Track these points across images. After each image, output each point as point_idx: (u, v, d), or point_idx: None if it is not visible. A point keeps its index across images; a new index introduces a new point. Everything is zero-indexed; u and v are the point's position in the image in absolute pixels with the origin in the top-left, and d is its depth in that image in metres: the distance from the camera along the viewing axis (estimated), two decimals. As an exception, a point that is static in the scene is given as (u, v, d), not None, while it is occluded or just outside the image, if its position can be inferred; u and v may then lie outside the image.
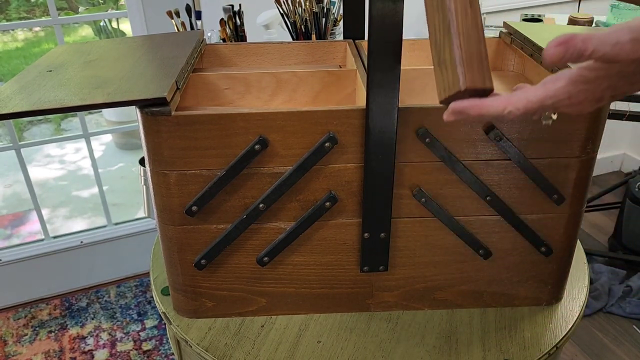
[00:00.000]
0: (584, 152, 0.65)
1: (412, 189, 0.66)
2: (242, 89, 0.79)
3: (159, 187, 0.65)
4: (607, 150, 2.57)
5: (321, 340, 0.71)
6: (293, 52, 0.91)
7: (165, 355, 1.69)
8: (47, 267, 1.92)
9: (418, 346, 0.70)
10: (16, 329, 1.81)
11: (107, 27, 3.82)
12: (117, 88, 0.62)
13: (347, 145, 0.63)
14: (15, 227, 2.38)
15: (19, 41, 4.70)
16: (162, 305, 0.77)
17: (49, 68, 0.71)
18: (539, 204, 0.68)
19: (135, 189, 2.63)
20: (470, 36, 0.47)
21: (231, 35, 1.10)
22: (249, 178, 0.64)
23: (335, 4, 1.13)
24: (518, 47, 0.84)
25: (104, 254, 1.97)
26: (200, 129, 0.61)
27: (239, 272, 0.71)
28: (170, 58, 0.73)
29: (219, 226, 0.67)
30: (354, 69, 0.78)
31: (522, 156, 0.64)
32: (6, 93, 0.62)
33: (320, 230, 0.68)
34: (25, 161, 1.82)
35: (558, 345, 0.70)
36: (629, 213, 1.95)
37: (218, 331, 0.72)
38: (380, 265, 0.70)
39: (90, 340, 1.75)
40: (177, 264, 0.70)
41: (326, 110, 0.61)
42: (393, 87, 0.57)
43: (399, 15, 0.54)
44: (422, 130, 0.62)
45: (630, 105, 1.68)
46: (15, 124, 3.28)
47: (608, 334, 1.71)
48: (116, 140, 3.18)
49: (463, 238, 0.69)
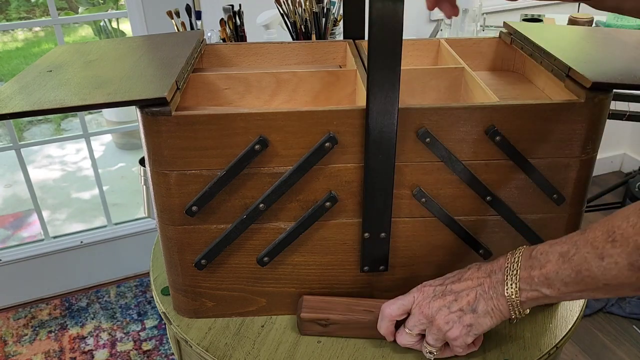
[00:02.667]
0: (584, 152, 0.65)
1: (412, 189, 0.66)
2: (242, 89, 0.79)
3: (159, 187, 0.65)
4: (607, 150, 2.57)
5: (321, 340, 0.71)
6: (293, 52, 0.91)
7: (165, 355, 1.69)
8: (47, 267, 1.92)
9: (418, 346, 0.70)
10: (16, 329, 1.81)
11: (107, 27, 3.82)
12: (117, 88, 0.62)
13: (347, 145, 0.63)
14: (16, 228, 2.38)
15: (19, 41, 4.70)
16: (162, 305, 0.77)
17: (49, 68, 0.71)
18: (539, 204, 0.68)
19: (135, 189, 2.63)
20: None
21: (231, 35, 1.10)
22: (249, 178, 0.64)
23: (335, 4, 1.13)
24: (518, 47, 0.84)
25: (104, 254, 1.97)
26: (200, 129, 0.61)
27: (239, 272, 0.71)
28: (170, 58, 0.73)
29: (219, 226, 0.67)
30: (354, 69, 0.78)
31: (522, 156, 0.64)
32: (6, 93, 0.62)
33: (320, 230, 0.68)
34: (25, 161, 1.82)
35: (558, 345, 0.70)
36: (629, 213, 1.95)
37: (218, 331, 0.72)
38: (380, 265, 0.70)
39: (90, 340, 1.75)
40: (177, 264, 0.70)
41: (326, 110, 0.61)
42: (393, 87, 0.57)
43: (399, 15, 0.54)
44: (422, 130, 0.62)
45: (630, 106, 1.68)
46: (15, 124, 3.28)
47: (608, 334, 1.71)
48: (116, 140, 3.18)
49: (463, 238, 0.69)
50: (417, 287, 0.64)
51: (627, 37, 0.80)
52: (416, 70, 0.79)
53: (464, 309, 0.59)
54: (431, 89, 0.80)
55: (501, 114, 0.62)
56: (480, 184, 0.65)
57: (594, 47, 0.75)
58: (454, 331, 0.60)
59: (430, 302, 0.61)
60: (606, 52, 0.72)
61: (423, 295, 0.62)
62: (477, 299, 0.58)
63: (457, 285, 0.60)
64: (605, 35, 0.81)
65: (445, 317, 0.60)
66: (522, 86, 0.84)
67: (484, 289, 0.58)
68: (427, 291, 0.62)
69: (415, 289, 0.64)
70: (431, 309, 0.61)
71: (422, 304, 0.61)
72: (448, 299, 0.60)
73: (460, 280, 0.61)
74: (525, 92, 0.82)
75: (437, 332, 0.61)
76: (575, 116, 0.62)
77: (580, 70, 0.63)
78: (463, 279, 0.60)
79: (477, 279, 0.59)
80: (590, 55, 0.70)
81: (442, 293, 0.61)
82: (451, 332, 0.60)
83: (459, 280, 0.61)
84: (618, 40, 0.78)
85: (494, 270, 0.59)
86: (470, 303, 0.59)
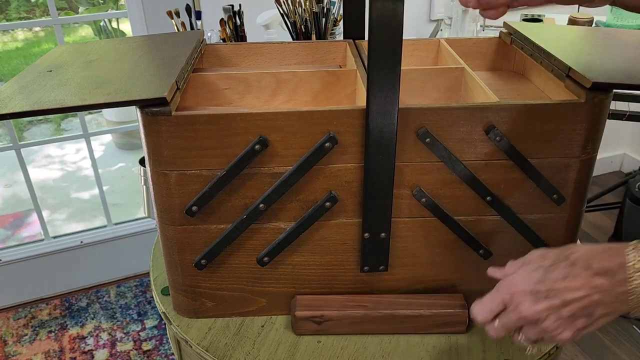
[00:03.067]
0: (584, 152, 0.65)
1: (412, 189, 0.66)
2: (242, 89, 0.79)
3: (159, 187, 0.65)
4: (607, 150, 2.57)
5: (321, 340, 0.71)
6: (293, 52, 0.91)
7: (165, 355, 1.69)
8: (47, 267, 1.92)
9: (418, 346, 0.70)
10: (16, 329, 1.81)
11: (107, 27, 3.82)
12: (117, 88, 0.62)
13: (347, 145, 0.63)
14: (15, 228, 2.38)
15: (19, 41, 4.70)
16: (162, 305, 0.77)
17: (49, 68, 0.71)
18: (539, 204, 0.68)
19: (135, 189, 2.63)
20: None
21: (231, 35, 1.10)
22: (249, 178, 0.64)
23: (335, 4, 1.13)
24: (518, 47, 0.84)
25: (104, 254, 1.97)
26: (200, 129, 0.61)
27: (239, 272, 0.71)
28: (170, 58, 0.73)
29: (219, 226, 0.67)
30: (354, 69, 0.78)
31: (522, 156, 0.64)
32: (6, 93, 0.62)
33: (320, 230, 0.68)
34: (25, 161, 1.82)
35: (558, 345, 0.70)
36: (629, 213, 1.95)
37: (218, 331, 0.72)
38: (380, 265, 0.70)
39: (90, 340, 1.75)
40: (177, 264, 0.70)
41: (326, 110, 0.61)
42: (393, 87, 0.57)
43: (399, 15, 0.54)
44: (422, 130, 0.62)
45: (630, 106, 1.68)
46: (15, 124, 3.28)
47: (608, 334, 1.71)
48: (116, 140, 3.18)
49: (463, 238, 0.69)
50: (505, 284, 0.56)
51: (627, 37, 0.80)
52: (416, 70, 0.79)
53: (576, 314, 0.52)
54: (431, 89, 0.80)
55: (501, 114, 0.62)
56: (480, 184, 0.65)
57: (594, 47, 0.75)
58: (566, 334, 0.53)
59: (533, 304, 0.53)
60: (606, 52, 0.72)
61: (520, 294, 0.54)
62: (593, 306, 0.52)
63: (562, 284, 0.53)
64: (605, 35, 0.81)
65: (555, 322, 0.53)
66: (522, 86, 0.84)
67: (600, 296, 0.51)
68: (522, 288, 0.54)
69: (504, 286, 0.56)
70: (535, 312, 0.53)
71: (521, 305, 0.54)
72: (555, 303, 0.52)
73: (565, 278, 0.53)
74: (525, 92, 0.82)
75: (543, 333, 0.54)
76: (575, 116, 0.62)
77: (580, 70, 0.63)
78: (569, 277, 0.52)
79: (590, 279, 0.52)
80: (590, 55, 0.70)
81: (547, 294, 0.53)
82: (563, 335, 0.53)
83: (564, 278, 0.53)
84: (618, 40, 0.78)
85: (612, 270, 0.51)
86: (586, 308, 0.52)
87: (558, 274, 0.53)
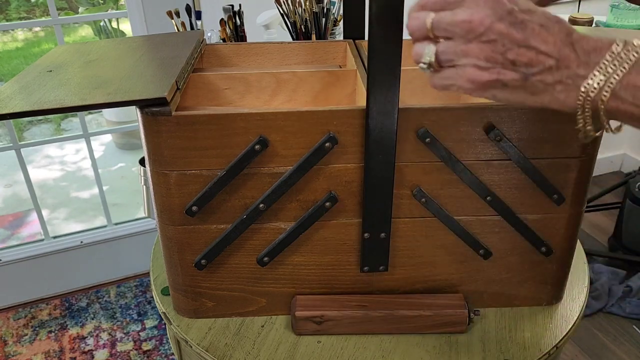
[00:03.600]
0: (584, 152, 0.65)
1: (412, 189, 0.66)
2: (242, 89, 0.79)
3: (159, 187, 0.65)
4: (607, 150, 2.57)
5: (321, 340, 0.71)
6: (293, 52, 0.91)
7: (165, 355, 1.69)
8: (47, 267, 1.92)
9: (418, 346, 0.70)
10: (16, 329, 1.81)
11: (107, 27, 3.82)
12: (117, 88, 0.62)
13: (347, 145, 0.63)
14: (15, 227, 2.38)
15: (19, 41, 4.71)
16: (162, 305, 0.77)
17: (49, 68, 0.71)
18: (539, 204, 0.68)
19: (135, 189, 2.63)
20: None
21: (231, 35, 1.10)
22: (249, 178, 0.64)
23: (335, 4, 1.13)
24: (518, 47, 0.84)
25: (104, 254, 1.97)
26: (200, 129, 0.61)
27: (239, 272, 0.71)
28: (170, 58, 0.73)
29: (219, 226, 0.67)
30: (354, 69, 0.78)
31: (522, 156, 0.64)
32: (6, 93, 0.62)
33: (320, 230, 0.68)
34: (25, 161, 1.82)
35: (558, 345, 0.70)
36: (629, 213, 1.95)
37: (218, 331, 0.72)
38: (380, 265, 0.70)
39: (90, 340, 1.75)
40: (177, 264, 0.70)
41: (326, 110, 0.61)
42: (393, 87, 0.57)
43: (399, 15, 0.54)
44: (422, 130, 0.62)
45: (630, 105, 1.68)
46: (15, 124, 3.28)
47: (608, 334, 1.71)
48: (116, 140, 3.18)
49: (463, 238, 0.69)
50: None
51: (627, 37, 0.80)
52: (416, 70, 0.79)
53: (517, 63, 0.44)
54: (431, 89, 0.79)
55: (501, 114, 0.62)
56: (480, 184, 0.65)
57: (594, 47, 0.75)
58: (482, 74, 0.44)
59: (490, 17, 0.43)
60: (606, 52, 0.72)
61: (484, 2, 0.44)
62: (539, 68, 0.44)
63: (535, 26, 0.44)
64: (605, 35, 0.81)
65: (489, 52, 0.44)
66: (522, 86, 0.84)
67: (556, 65, 0.44)
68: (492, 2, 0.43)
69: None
70: (485, 25, 0.43)
71: (475, 10, 0.44)
72: (514, 35, 0.43)
73: (542, 26, 0.44)
74: (525, 92, 0.81)
75: (461, 55, 0.45)
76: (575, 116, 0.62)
77: (580, 70, 0.63)
78: (546, 28, 0.44)
79: (562, 45, 0.44)
80: (590, 55, 0.70)
81: (512, 21, 0.43)
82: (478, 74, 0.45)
83: (541, 25, 0.44)
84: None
85: (587, 52, 0.44)
86: (531, 66, 0.44)
87: (538, 18, 0.44)
